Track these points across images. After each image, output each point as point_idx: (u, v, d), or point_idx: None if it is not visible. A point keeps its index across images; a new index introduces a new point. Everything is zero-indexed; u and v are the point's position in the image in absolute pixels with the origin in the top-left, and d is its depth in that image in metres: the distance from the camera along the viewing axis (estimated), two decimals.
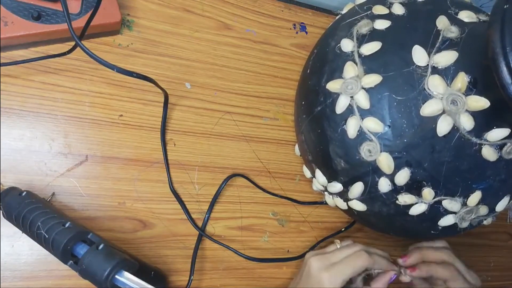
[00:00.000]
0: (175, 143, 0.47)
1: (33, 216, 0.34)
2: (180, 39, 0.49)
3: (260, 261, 0.48)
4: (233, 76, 0.51)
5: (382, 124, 0.36)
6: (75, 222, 0.35)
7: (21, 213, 0.35)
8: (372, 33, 0.39)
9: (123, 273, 0.33)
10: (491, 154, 0.36)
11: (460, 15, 0.38)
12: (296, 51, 0.55)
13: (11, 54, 0.41)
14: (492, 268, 0.63)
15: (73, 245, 0.34)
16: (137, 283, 0.32)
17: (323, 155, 0.41)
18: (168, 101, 0.46)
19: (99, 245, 0.34)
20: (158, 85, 0.43)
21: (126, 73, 0.39)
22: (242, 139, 0.50)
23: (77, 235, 0.34)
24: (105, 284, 0.32)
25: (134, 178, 0.44)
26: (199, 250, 0.46)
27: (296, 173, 0.53)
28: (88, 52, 0.37)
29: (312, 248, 0.51)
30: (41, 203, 0.36)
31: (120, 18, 0.43)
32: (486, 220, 0.42)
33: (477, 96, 0.34)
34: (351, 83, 0.38)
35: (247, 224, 0.49)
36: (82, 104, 0.43)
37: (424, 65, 0.36)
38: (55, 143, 0.42)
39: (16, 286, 0.39)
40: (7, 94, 0.41)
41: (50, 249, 0.34)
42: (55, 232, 0.34)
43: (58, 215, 0.36)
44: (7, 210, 0.36)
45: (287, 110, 0.53)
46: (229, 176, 0.48)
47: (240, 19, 0.53)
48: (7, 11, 0.39)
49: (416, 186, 0.37)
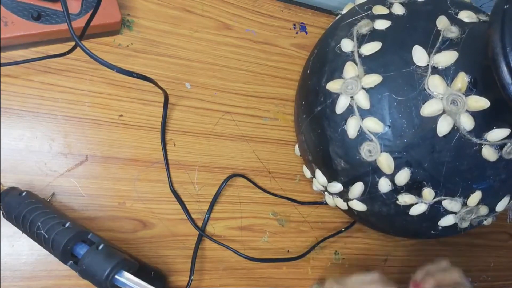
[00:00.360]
0: (175, 143, 0.47)
1: (33, 216, 0.34)
2: (180, 39, 0.49)
3: (260, 261, 0.48)
4: (233, 76, 0.51)
5: (382, 124, 0.36)
6: (75, 222, 0.35)
7: (21, 213, 0.35)
8: (372, 33, 0.39)
9: (123, 273, 0.33)
10: (491, 154, 0.36)
11: (460, 15, 0.38)
12: (296, 51, 0.55)
13: (11, 54, 0.41)
14: (492, 268, 0.63)
15: (73, 245, 0.34)
16: (137, 283, 0.32)
17: (323, 155, 0.41)
18: (168, 101, 0.46)
19: (99, 245, 0.34)
20: (158, 85, 0.43)
21: (126, 73, 0.39)
22: (242, 139, 0.50)
23: (77, 235, 0.34)
24: (105, 284, 0.32)
25: (134, 178, 0.44)
26: (199, 250, 0.46)
27: (296, 173, 0.53)
28: (88, 52, 0.37)
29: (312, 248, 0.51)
30: (41, 203, 0.36)
31: (120, 18, 0.43)
32: (486, 220, 0.42)
33: (477, 96, 0.34)
34: (351, 83, 0.38)
35: (247, 224, 0.49)
36: (82, 104, 0.43)
37: (424, 65, 0.36)
38: (55, 143, 0.42)
39: (16, 286, 0.39)
40: (7, 94, 0.41)
41: (50, 249, 0.34)
42: (55, 232, 0.34)
43: (58, 215, 0.36)
44: (7, 210, 0.36)
45: (287, 110, 0.53)
46: (229, 176, 0.48)
47: (240, 19, 0.53)
48: (7, 11, 0.39)
49: (416, 186, 0.37)
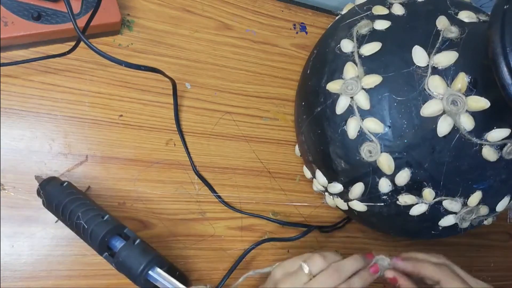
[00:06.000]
0: (175, 143, 0.47)
1: (74, 206, 0.36)
2: (180, 39, 0.49)
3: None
4: (233, 76, 0.51)
5: (383, 125, 0.36)
6: (112, 215, 0.37)
7: (62, 202, 0.36)
8: (372, 33, 0.39)
9: (156, 269, 0.34)
10: (491, 155, 0.36)
11: (460, 15, 0.38)
12: (296, 51, 0.55)
13: (11, 54, 0.41)
14: (492, 268, 0.63)
15: (110, 238, 0.35)
16: (168, 280, 0.34)
17: (323, 155, 0.41)
18: (176, 89, 0.46)
19: (135, 240, 0.35)
20: (166, 75, 0.43)
21: (134, 66, 0.39)
22: (242, 139, 0.50)
23: (115, 228, 0.36)
24: (139, 277, 0.33)
25: (134, 178, 0.44)
26: (199, 251, 0.46)
27: (296, 173, 0.53)
28: (95, 48, 0.37)
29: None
30: (81, 195, 0.38)
31: (120, 18, 0.43)
32: (486, 220, 0.42)
33: (477, 97, 0.34)
34: (351, 83, 0.38)
35: (247, 224, 0.49)
36: (82, 104, 0.43)
37: (424, 65, 0.36)
38: (55, 143, 0.42)
39: (16, 286, 0.39)
40: (7, 94, 0.41)
41: (87, 240, 0.35)
42: (94, 224, 0.35)
43: (97, 207, 0.37)
44: (48, 198, 0.37)
45: (287, 110, 0.53)
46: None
47: (240, 19, 0.53)
48: (7, 11, 0.39)
49: (416, 187, 0.37)
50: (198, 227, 0.46)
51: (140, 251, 0.35)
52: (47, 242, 0.40)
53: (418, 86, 0.35)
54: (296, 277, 0.37)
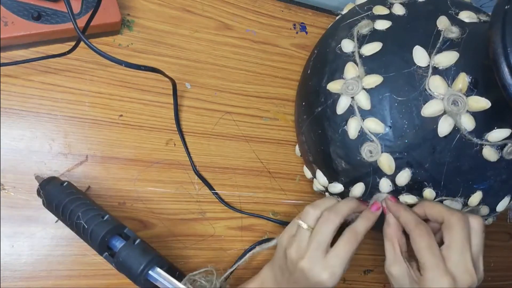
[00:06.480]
0: (175, 143, 0.47)
1: (74, 206, 0.36)
2: (180, 39, 0.49)
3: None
4: (233, 76, 0.51)
5: (383, 125, 0.36)
6: (112, 215, 0.37)
7: (62, 202, 0.36)
8: (373, 33, 0.39)
9: (156, 269, 0.34)
10: (492, 155, 0.36)
11: (461, 16, 0.38)
12: (296, 51, 0.55)
13: (11, 54, 0.41)
14: (492, 268, 0.62)
15: (110, 238, 0.35)
16: (168, 280, 0.34)
17: (323, 155, 0.41)
18: (176, 89, 0.46)
19: (135, 240, 0.35)
20: (166, 75, 0.43)
21: (134, 66, 0.39)
22: (242, 139, 0.50)
23: (115, 228, 0.36)
24: (139, 277, 0.34)
25: (134, 178, 0.44)
26: (199, 251, 0.46)
27: (296, 173, 0.53)
28: (95, 48, 0.37)
29: None
30: (82, 194, 0.38)
31: (120, 18, 0.43)
32: (486, 220, 0.42)
33: (478, 97, 0.34)
34: (352, 83, 0.38)
35: (247, 224, 0.49)
36: (82, 104, 0.43)
37: (425, 65, 0.36)
38: (55, 143, 0.42)
39: (16, 286, 0.39)
40: (7, 94, 0.41)
41: (87, 240, 0.35)
42: (94, 224, 0.35)
43: (97, 207, 0.37)
44: (48, 198, 0.37)
45: (287, 110, 0.53)
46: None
47: (240, 19, 0.53)
48: (7, 11, 0.39)
49: (417, 187, 0.37)
50: (198, 227, 0.46)
51: (140, 251, 0.35)
52: (47, 242, 0.40)
53: (419, 86, 0.35)
54: (300, 236, 0.38)
